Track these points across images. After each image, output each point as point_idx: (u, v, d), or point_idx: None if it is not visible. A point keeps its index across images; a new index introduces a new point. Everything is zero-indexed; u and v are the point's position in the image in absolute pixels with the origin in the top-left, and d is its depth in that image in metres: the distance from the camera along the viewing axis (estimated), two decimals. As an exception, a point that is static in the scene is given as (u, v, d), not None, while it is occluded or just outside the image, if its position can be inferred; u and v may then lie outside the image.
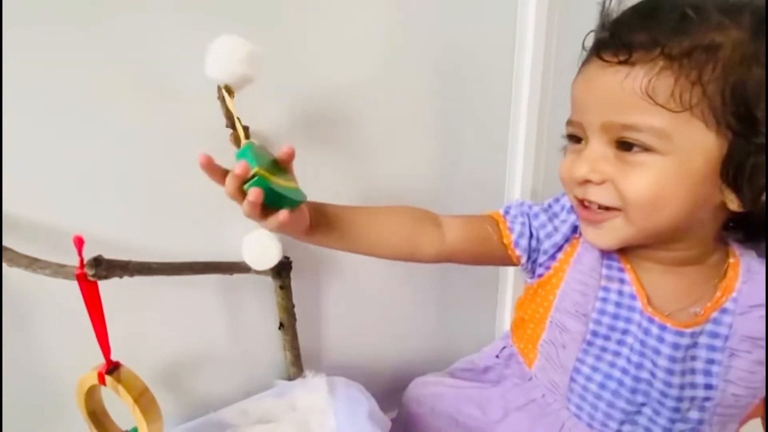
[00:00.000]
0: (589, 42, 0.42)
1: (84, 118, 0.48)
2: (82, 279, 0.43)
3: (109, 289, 0.45)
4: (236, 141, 0.53)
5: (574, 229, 0.50)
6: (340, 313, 0.71)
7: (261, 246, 0.55)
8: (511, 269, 0.82)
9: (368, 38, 0.61)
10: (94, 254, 0.44)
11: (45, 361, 0.54)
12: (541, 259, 0.52)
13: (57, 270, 0.42)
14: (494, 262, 0.55)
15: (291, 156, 0.42)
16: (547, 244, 0.51)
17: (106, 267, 0.43)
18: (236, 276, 0.59)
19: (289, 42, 0.57)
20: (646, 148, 0.37)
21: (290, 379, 0.67)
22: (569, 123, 0.44)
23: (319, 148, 0.62)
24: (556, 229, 0.51)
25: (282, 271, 0.60)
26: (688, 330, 0.42)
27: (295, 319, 0.64)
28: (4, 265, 0.44)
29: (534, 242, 0.52)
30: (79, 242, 0.43)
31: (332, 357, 0.73)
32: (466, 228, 0.52)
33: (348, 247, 0.50)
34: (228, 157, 0.50)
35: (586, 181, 0.41)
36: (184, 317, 0.60)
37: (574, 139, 0.44)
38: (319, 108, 0.61)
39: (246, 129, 0.53)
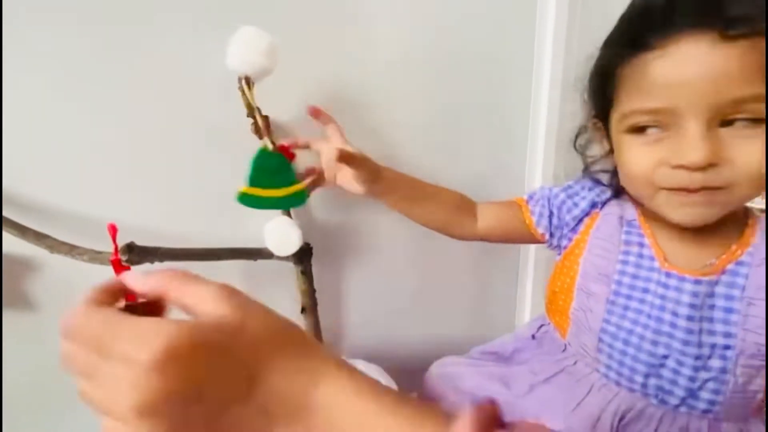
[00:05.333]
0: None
1: (116, 113, 0.50)
2: (116, 264, 0.46)
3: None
4: (256, 131, 0.55)
5: (593, 204, 0.56)
6: (361, 298, 0.73)
7: (282, 232, 0.57)
8: (531, 257, 0.83)
9: (387, 28, 0.62)
10: (127, 241, 0.46)
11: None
12: (564, 231, 0.57)
13: (93, 256, 0.45)
14: (523, 241, 0.62)
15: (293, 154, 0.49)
16: (568, 218, 0.57)
17: (138, 253, 0.46)
18: (259, 262, 0.61)
19: (309, 35, 0.58)
20: (754, 120, 0.37)
21: (313, 361, 0.69)
22: (642, 112, 0.42)
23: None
24: (575, 204, 0.56)
25: (303, 256, 0.62)
26: (705, 278, 0.44)
27: (316, 304, 0.66)
28: (45, 251, 0.48)
29: (555, 220, 0.58)
30: (113, 230, 0.46)
31: (353, 340, 0.75)
32: (497, 216, 0.61)
33: (400, 209, 0.60)
34: (250, 146, 0.53)
35: (708, 166, 0.39)
36: None
37: (636, 130, 0.43)
38: (338, 101, 0.62)
39: (266, 119, 0.55)
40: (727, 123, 0.38)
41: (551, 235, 0.58)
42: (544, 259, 0.82)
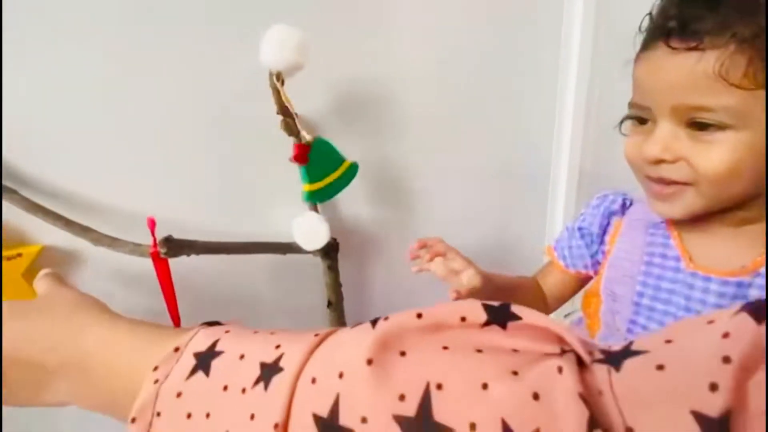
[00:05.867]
0: (644, 25, 0.43)
1: (154, 111, 0.52)
2: (155, 257, 0.48)
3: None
4: (287, 128, 0.56)
5: (610, 213, 0.57)
6: (385, 292, 0.74)
7: (311, 227, 0.58)
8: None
9: (412, 24, 0.62)
10: (162, 235, 0.48)
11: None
12: (594, 250, 0.58)
13: (134, 249, 0.47)
14: (580, 286, 0.63)
15: None
16: (591, 239, 0.58)
17: (175, 246, 0.47)
18: (287, 256, 0.62)
19: (333, 31, 0.59)
20: (720, 126, 0.39)
21: (338, 354, 0.70)
22: (633, 105, 0.45)
23: (362, 137, 0.65)
24: (590, 223, 0.58)
25: (330, 251, 0.63)
26: (734, 279, 0.44)
27: (342, 298, 0.67)
28: (89, 244, 0.50)
29: (583, 251, 0.59)
30: (152, 224, 0.48)
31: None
32: (547, 284, 0.63)
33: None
34: (279, 145, 0.54)
35: (660, 161, 0.42)
36: (238, 295, 0.65)
37: (638, 120, 0.45)
38: (362, 97, 0.63)
39: (296, 116, 0.56)
40: (698, 125, 0.40)
41: (585, 266, 0.59)
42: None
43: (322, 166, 0.57)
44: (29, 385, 0.31)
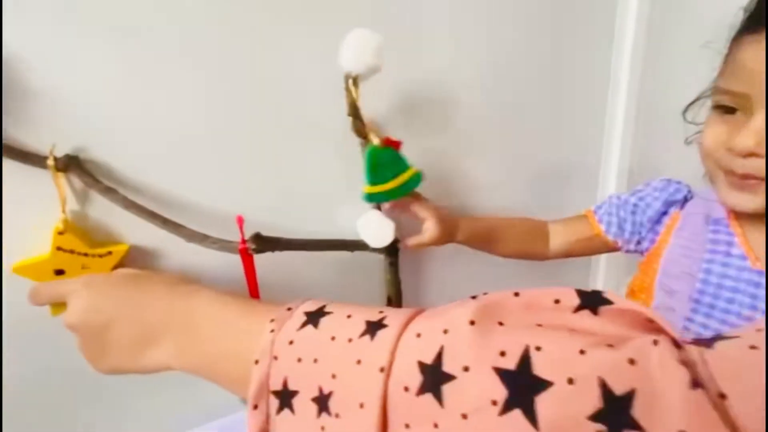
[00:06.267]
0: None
1: (238, 114, 0.55)
2: (244, 253, 0.50)
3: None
4: (357, 130, 0.59)
5: (670, 203, 0.56)
6: (440, 291, 0.76)
7: (378, 225, 0.60)
8: (603, 258, 0.84)
9: (463, 24, 0.65)
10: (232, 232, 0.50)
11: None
12: (642, 233, 0.58)
13: (224, 245, 0.50)
14: (598, 252, 0.65)
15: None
16: (643, 219, 0.57)
17: (264, 242, 0.50)
18: (348, 253, 0.64)
19: (399, 34, 0.61)
20: None
21: (394, 349, 0.72)
22: (725, 92, 0.43)
23: (415, 138, 0.67)
24: (648, 205, 0.57)
25: (392, 249, 0.65)
26: None
27: (401, 295, 0.69)
28: (169, 244, 0.52)
29: (629, 225, 0.59)
30: (240, 221, 0.50)
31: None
32: (567, 233, 0.64)
33: (481, 250, 0.65)
34: (343, 146, 0.55)
35: (751, 154, 0.40)
36: (298, 290, 0.66)
37: (724, 109, 0.43)
38: (427, 95, 0.65)
39: (361, 118, 0.58)
40: None
41: (627, 240, 0.59)
42: (617, 255, 0.83)
43: (386, 170, 0.57)
44: (134, 344, 0.34)
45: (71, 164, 0.47)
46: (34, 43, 0.44)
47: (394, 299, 0.69)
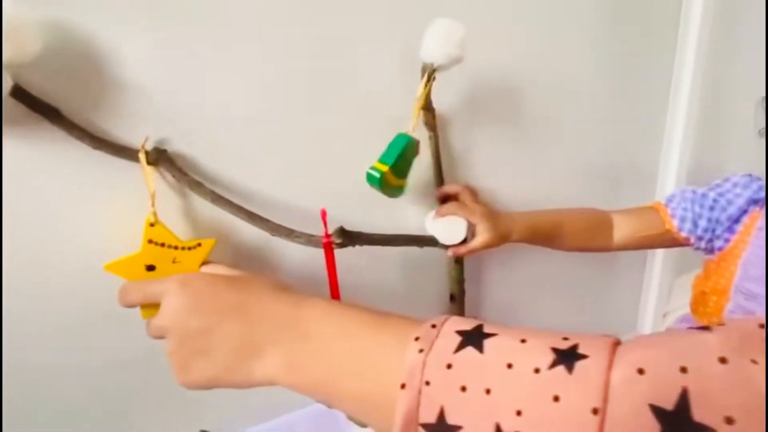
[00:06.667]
0: None
1: (318, 110, 0.55)
2: (327, 247, 0.50)
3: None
4: (428, 123, 0.58)
5: (753, 201, 0.54)
6: (501, 290, 0.76)
7: (451, 223, 0.60)
8: (659, 255, 0.83)
9: (527, 18, 0.64)
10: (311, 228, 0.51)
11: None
12: (717, 231, 0.55)
13: (308, 239, 0.50)
14: (662, 246, 0.64)
15: None
16: (722, 217, 0.55)
17: (347, 237, 0.50)
18: (416, 249, 0.64)
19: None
20: None
21: (453, 348, 0.72)
22: None
23: (477, 132, 0.67)
24: (729, 202, 0.54)
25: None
26: None
27: (464, 293, 0.69)
28: (250, 239, 0.53)
29: (704, 221, 0.56)
30: (324, 215, 0.50)
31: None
32: (632, 225, 0.61)
33: (541, 246, 0.64)
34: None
35: None
36: (369, 282, 0.66)
37: None
38: (492, 88, 0.65)
39: (432, 111, 0.58)
40: None
41: (699, 237, 0.57)
42: (675, 252, 0.82)
43: (404, 166, 0.54)
44: (236, 353, 0.30)
45: (160, 158, 0.48)
46: (125, 38, 0.45)
47: (457, 296, 0.69)
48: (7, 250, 0.45)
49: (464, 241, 0.61)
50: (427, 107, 0.57)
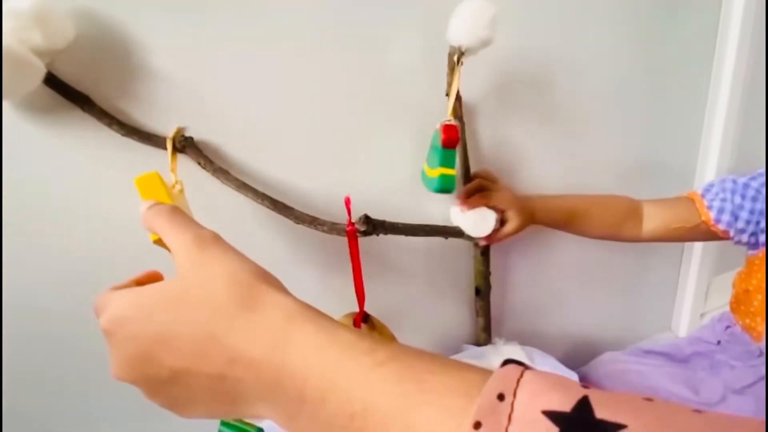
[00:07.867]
0: None
1: (341, 99, 0.55)
2: (351, 235, 0.50)
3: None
4: (454, 110, 0.57)
5: None
6: (528, 285, 0.74)
7: (480, 215, 0.58)
8: (697, 252, 0.80)
9: (567, 12, 0.62)
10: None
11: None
12: (762, 224, 0.52)
13: (332, 227, 0.49)
14: (698, 239, 0.61)
15: None
16: (765, 208, 0.51)
17: (372, 225, 0.49)
18: (440, 241, 0.63)
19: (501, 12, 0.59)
20: None
21: (479, 344, 0.71)
22: None
23: (508, 125, 0.65)
24: None
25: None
26: None
27: (490, 286, 0.67)
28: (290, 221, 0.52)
29: (745, 213, 0.53)
30: (348, 203, 0.50)
31: (513, 326, 0.75)
32: (665, 216, 0.58)
33: (565, 231, 0.61)
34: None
35: None
36: (394, 274, 0.65)
37: None
38: (527, 76, 0.63)
39: (459, 99, 0.57)
40: None
41: (740, 230, 0.53)
42: (714, 250, 0.78)
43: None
44: (227, 404, 0.23)
45: (187, 145, 0.48)
46: (155, 27, 0.45)
47: (483, 290, 0.67)
48: (36, 230, 0.47)
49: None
50: (456, 95, 0.55)
